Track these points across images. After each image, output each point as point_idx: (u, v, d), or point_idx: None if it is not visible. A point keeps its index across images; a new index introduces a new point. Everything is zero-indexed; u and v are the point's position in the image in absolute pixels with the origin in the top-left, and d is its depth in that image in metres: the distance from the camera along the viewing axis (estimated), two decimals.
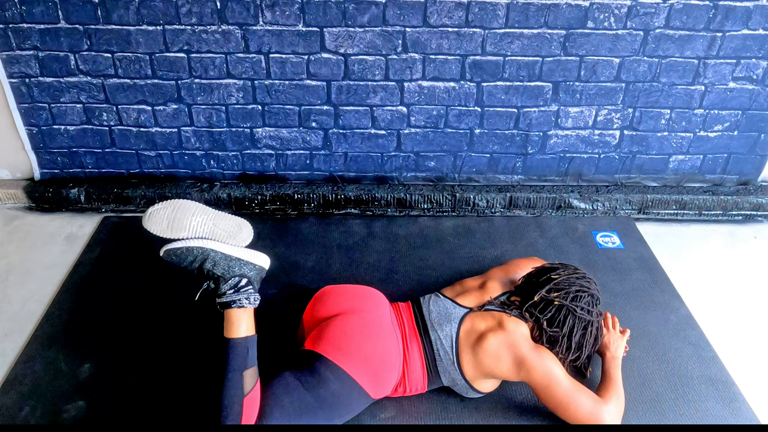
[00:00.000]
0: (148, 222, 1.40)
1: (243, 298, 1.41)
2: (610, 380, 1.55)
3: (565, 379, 1.46)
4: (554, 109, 2.33)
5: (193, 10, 2.07)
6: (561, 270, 1.61)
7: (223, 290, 1.41)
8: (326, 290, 1.64)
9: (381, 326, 1.53)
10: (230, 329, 1.39)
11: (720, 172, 2.52)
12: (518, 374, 1.48)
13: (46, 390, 1.63)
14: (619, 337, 1.71)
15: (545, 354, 1.48)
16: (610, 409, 1.46)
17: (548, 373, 1.45)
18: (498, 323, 1.52)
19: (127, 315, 1.89)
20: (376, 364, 1.47)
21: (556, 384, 1.45)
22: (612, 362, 1.61)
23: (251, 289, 1.43)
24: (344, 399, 1.43)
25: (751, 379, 1.72)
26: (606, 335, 1.69)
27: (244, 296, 1.41)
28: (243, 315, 1.40)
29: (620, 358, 1.64)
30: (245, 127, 2.36)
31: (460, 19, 2.10)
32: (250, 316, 1.42)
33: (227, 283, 1.41)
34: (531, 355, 1.47)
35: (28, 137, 2.36)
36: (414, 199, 2.45)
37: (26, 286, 2.03)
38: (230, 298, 1.40)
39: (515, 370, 1.48)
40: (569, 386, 1.46)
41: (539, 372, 1.45)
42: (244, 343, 1.38)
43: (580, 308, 1.53)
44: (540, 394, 1.48)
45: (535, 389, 1.48)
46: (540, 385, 1.46)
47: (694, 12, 2.10)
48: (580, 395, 1.46)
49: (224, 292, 1.41)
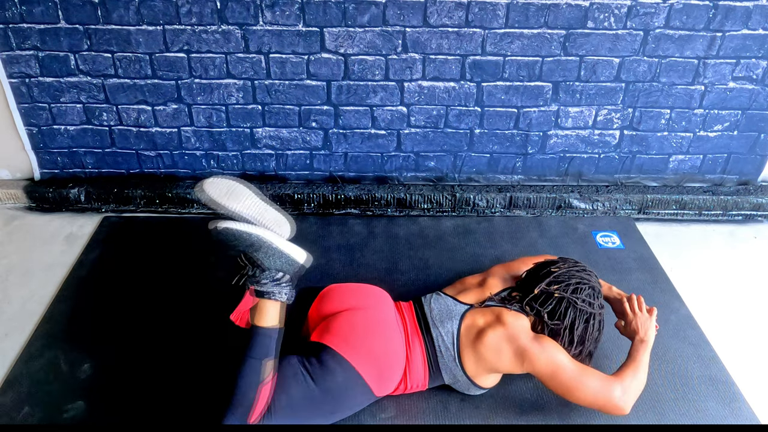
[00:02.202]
0: (208, 185, 1.40)
1: (279, 292, 1.42)
2: (632, 361, 1.50)
3: (569, 364, 1.45)
4: (554, 109, 2.33)
5: (193, 10, 2.07)
6: (561, 263, 1.61)
7: (263, 279, 1.42)
8: (332, 288, 1.66)
9: (386, 324, 1.54)
10: (261, 318, 1.41)
11: (720, 172, 2.52)
12: (521, 366, 1.47)
13: (46, 390, 1.63)
14: (647, 318, 1.59)
15: (546, 342, 1.47)
16: (623, 386, 1.43)
17: (552, 360, 1.44)
18: (497, 318, 1.52)
19: (127, 315, 1.89)
20: (380, 360, 1.48)
21: (561, 370, 1.44)
22: (640, 345, 1.54)
23: (289, 285, 1.45)
24: (348, 392, 1.44)
25: (751, 379, 1.72)
26: (633, 319, 1.60)
27: (281, 290, 1.43)
28: (276, 307, 1.42)
29: (650, 342, 1.55)
30: (245, 127, 2.36)
31: (460, 19, 2.10)
32: (282, 309, 1.45)
33: (270, 273, 1.42)
34: (532, 345, 1.46)
35: (28, 137, 2.36)
36: (414, 199, 2.45)
37: (26, 286, 2.03)
38: (269, 289, 1.41)
39: (518, 363, 1.47)
40: (575, 370, 1.44)
41: (542, 361, 1.45)
42: (270, 333, 1.40)
43: (581, 300, 1.53)
44: (547, 383, 1.47)
45: (541, 378, 1.47)
46: (545, 374, 1.45)
47: (694, 12, 2.10)
48: (587, 377, 1.44)
49: (265, 282, 1.42)
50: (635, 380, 1.46)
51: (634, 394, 1.45)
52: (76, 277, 2.06)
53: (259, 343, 1.38)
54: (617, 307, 1.69)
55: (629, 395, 1.44)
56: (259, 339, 1.39)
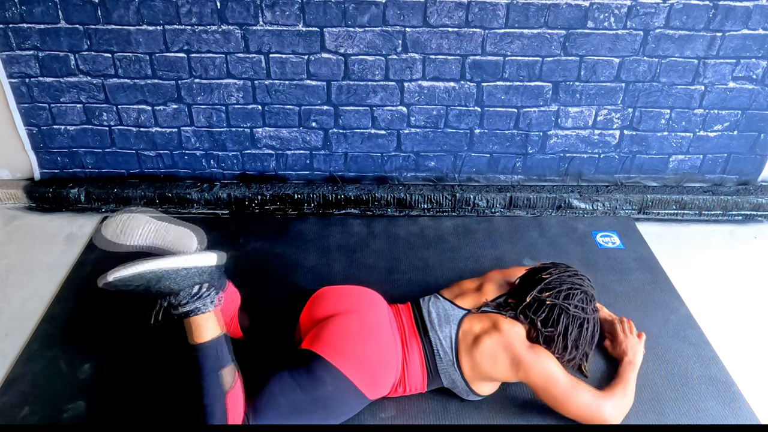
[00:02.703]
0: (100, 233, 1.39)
1: (204, 303, 1.38)
2: (620, 380, 1.57)
3: (563, 377, 1.46)
4: (554, 109, 2.33)
5: (193, 10, 2.07)
6: (552, 269, 1.61)
7: (182, 300, 1.37)
8: (323, 291, 1.64)
9: (378, 327, 1.53)
10: (196, 335, 1.36)
11: (720, 172, 2.52)
12: (516, 375, 1.48)
13: (46, 390, 1.63)
14: (636, 342, 1.70)
15: (541, 353, 1.49)
16: (611, 403, 1.48)
17: (545, 371, 1.46)
18: (493, 325, 1.52)
19: (127, 315, 1.88)
20: (372, 365, 1.47)
21: (555, 382, 1.45)
22: (628, 366, 1.62)
23: (210, 292, 1.41)
24: (340, 400, 1.43)
25: (751, 379, 1.72)
26: (624, 341, 1.70)
27: (203, 302, 1.38)
28: (207, 319, 1.38)
29: (638, 364, 1.64)
30: (245, 127, 2.36)
31: (460, 19, 2.10)
32: (215, 316, 1.40)
33: (185, 292, 1.37)
34: (527, 355, 1.47)
35: (28, 137, 2.36)
36: (414, 199, 2.45)
37: (26, 286, 2.03)
38: (192, 306, 1.37)
39: (513, 371, 1.48)
40: (567, 383, 1.46)
41: (537, 371, 1.46)
42: (213, 344, 1.37)
43: (573, 306, 1.53)
44: (539, 393, 1.48)
45: (534, 388, 1.49)
46: (538, 384, 1.47)
47: (694, 12, 2.10)
48: (579, 391, 1.46)
49: (185, 302, 1.37)
50: (624, 398, 1.52)
51: (623, 411, 1.51)
52: (76, 277, 2.06)
53: (207, 358, 1.35)
54: (608, 328, 1.78)
55: (618, 411, 1.49)
56: (206, 353, 1.35)
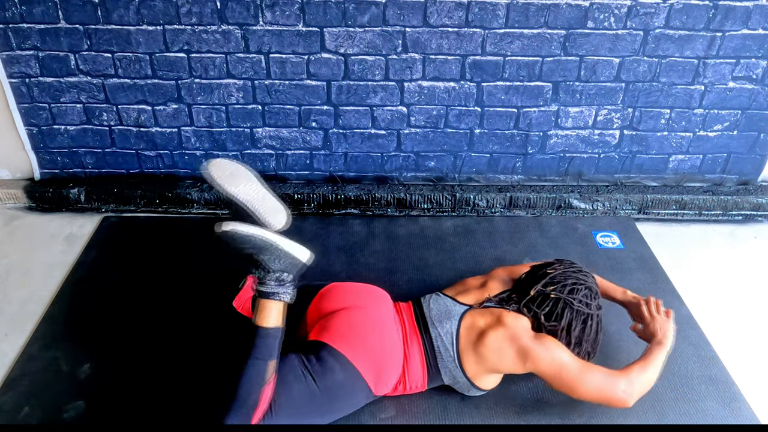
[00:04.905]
0: (212, 165, 1.41)
1: (284, 292, 1.42)
2: (644, 359, 1.49)
3: (572, 361, 1.45)
4: (554, 109, 2.33)
5: (193, 10, 2.07)
6: (557, 265, 1.61)
7: (267, 280, 1.41)
8: (332, 286, 1.66)
9: (384, 323, 1.54)
10: (264, 318, 1.39)
11: (720, 172, 2.52)
12: (524, 366, 1.47)
13: (46, 390, 1.63)
14: (665, 321, 1.58)
15: (548, 341, 1.47)
16: (628, 379, 1.42)
17: (555, 359, 1.44)
18: (497, 319, 1.52)
19: (127, 315, 1.89)
20: (379, 358, 1.48)
21: (566, 369, 1.43)
22: (656, 347, 1.52)
23: (292, 285, 1.45)
24: (348, 390, 1.45)
25: (751, 379, 1.72)
26: (651, 322, 1.59)
27: (285, 290, 1.42)
28: (279, 307, 1.42)
29: (668, 344, 1.53)
30: (245, 127, 2.36)
31: (460, 19, 2.10)
32: (284, 309, 1.44)
33: (273, 274, 1.42)
34: (534, 345, 1.46)
35: (28, 137, 2.36)
36: (414, 199, 2.45)
37: (26, 286, 2.03)
38: (273, 290, 1.41)
39: (520, 363, 1.47)
40: (578, 367, 1.44)
41: (546, 361, 1.44)
42: (275, 333, 1.40)
43: (578, 301, 1.53)
44: (550, 381, 1.46)
45: (545, 377, 1.46)
46: (549, 373, 1.45)
47: (694, 12, 2.10)
48: (591, 373, 1.43)
49: (267, 282, 1.41)
50: (642, 375, 1.45)
51: (639, 388, 1.44)
52: (76, 277, 2.06)
53: (263, 345, 1.37)
54: (634, 311, 1.68)
55: (633, 388, 1.43)
56: (264, 340, 1.38)
